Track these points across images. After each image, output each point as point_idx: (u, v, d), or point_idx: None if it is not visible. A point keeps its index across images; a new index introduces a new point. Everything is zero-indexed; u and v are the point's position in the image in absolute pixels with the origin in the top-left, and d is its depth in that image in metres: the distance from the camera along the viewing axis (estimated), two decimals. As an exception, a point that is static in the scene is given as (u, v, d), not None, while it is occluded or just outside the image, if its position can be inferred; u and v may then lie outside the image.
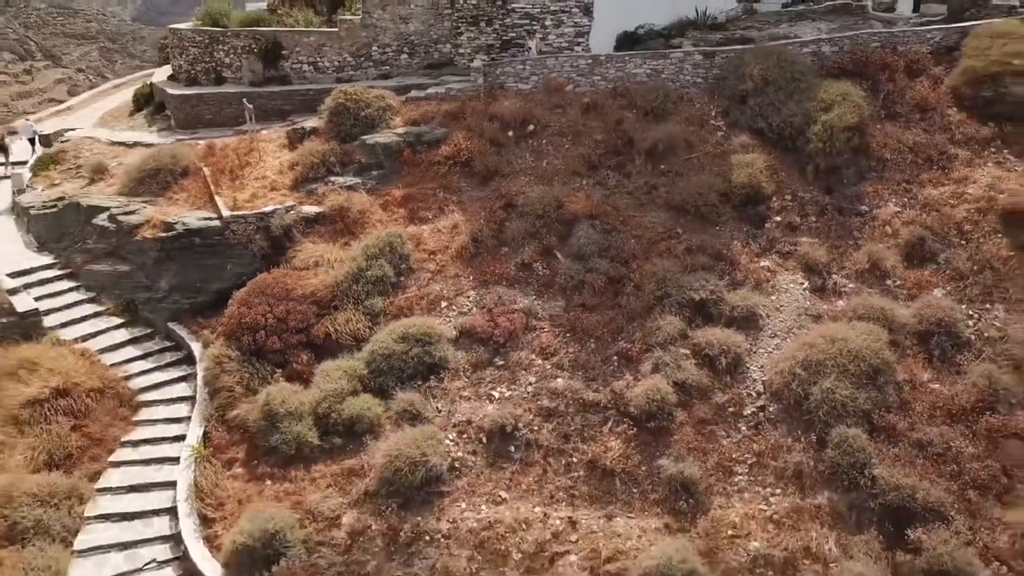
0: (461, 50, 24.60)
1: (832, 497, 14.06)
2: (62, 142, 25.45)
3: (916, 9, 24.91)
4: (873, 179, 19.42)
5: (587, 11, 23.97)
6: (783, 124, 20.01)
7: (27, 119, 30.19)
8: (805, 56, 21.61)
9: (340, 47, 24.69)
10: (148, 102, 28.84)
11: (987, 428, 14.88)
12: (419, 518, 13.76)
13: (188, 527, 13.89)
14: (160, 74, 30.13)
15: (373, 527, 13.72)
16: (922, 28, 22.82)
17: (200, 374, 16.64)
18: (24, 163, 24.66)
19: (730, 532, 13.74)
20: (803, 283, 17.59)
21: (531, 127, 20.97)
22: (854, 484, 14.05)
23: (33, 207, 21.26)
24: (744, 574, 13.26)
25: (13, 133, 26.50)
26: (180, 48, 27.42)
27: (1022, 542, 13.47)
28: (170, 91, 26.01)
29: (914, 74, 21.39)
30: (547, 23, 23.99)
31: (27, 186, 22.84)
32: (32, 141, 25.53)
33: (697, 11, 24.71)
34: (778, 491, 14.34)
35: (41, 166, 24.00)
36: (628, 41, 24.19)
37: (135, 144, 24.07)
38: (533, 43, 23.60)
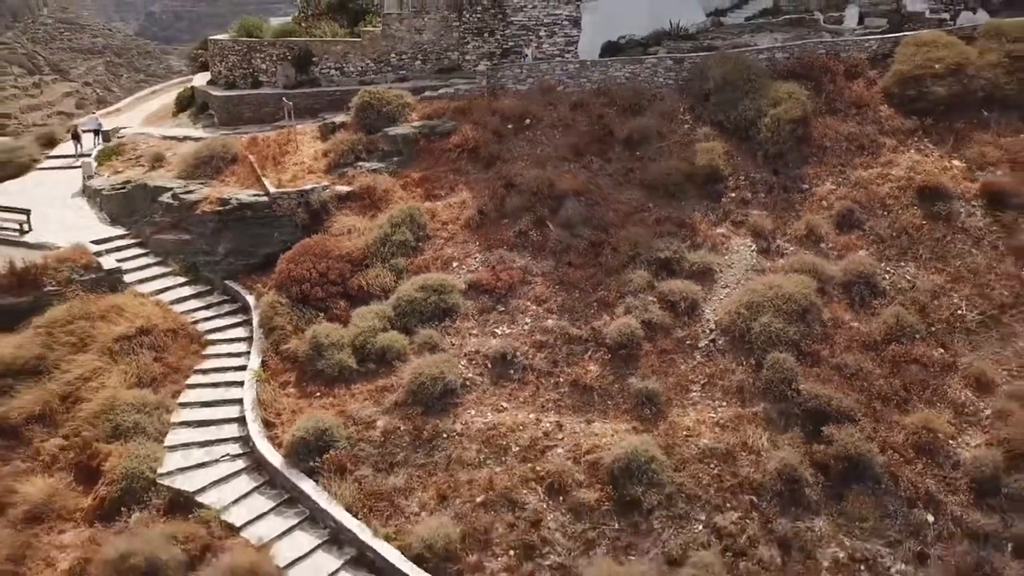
0: (468, 57, 28.48)
1: (766, 406, 17.69)
2: (119, 138, 29.25)
3: (861, 22, 28.74)
4: (814, 163, 23.19)
5: (576, 24, 27.88)
6: (739, 118, 23.82)
7: (94, 114, 34.02)
8: (760, 61, 25.44)
9: (363, 54, 28.58)
10: (190, 104, 32.67)
11: (892, 355, 18.58)
12: (438, 421, 17.36)
13: (255, 429, 17.47)
14: (199, 80, 33.97)
15: (401, 428, 17.33)
16: (862, 38, 26.69)
17: (256, 318, 20.29)
18: (89, 154, 28.39)
19: (684, 433, 17.31)
20: (751, 246, 21.31)
21: (527, 121, 24.76)
22: (783, 396, 17.68)
23: (104, 189, 25.00)
24: (695, 462, 16.82)
25: (85, 131, 30.30)
26: (220, 56, 31.27)
27: (913, 438, 17.10)
28: (214, 93, 29.84)
29: (853, 76, 25.24)
30: (541, 34, 27.90)
31: (95, 173, 26.55)
32: (96, 133, 29.32)
33: (671, 24, 28.58)
34: (724, 403, 17.96)
35: (104, 157, 27.77)
36: (611, 49, 28.06)
37: (185, 138, 27.85)
38: (529, 51, 27.49)
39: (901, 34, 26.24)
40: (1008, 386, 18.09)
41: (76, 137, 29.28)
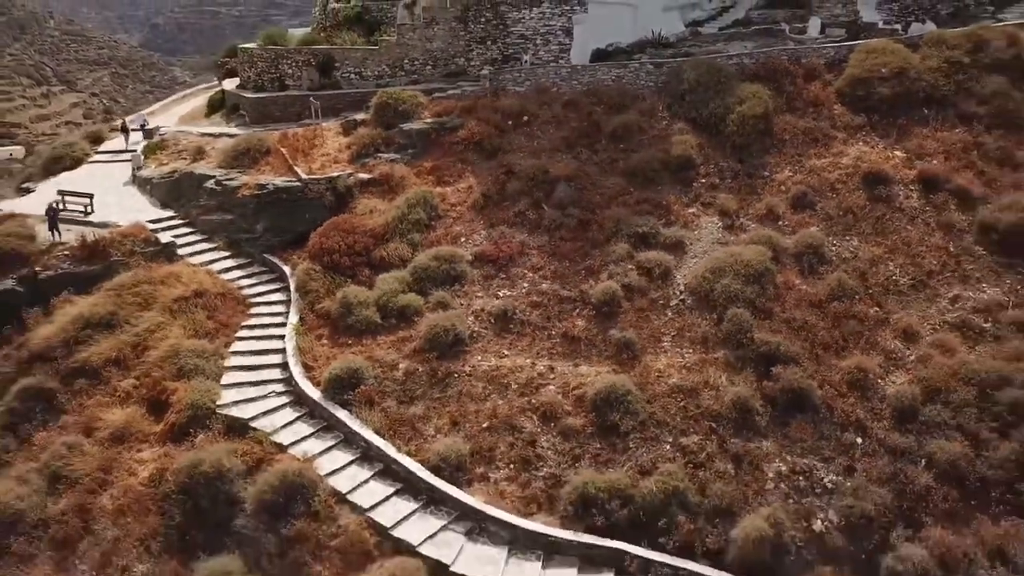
0: (473, 62, 32.00)
1: (725, 352, 21.02)
2: (160, 135, 32.74)
3: (823, 32, 32.24)
4: (774, 153, 26.64)
5: (568, 33, 31.43)
6: (710, 114, 27.30)
7: (141, 112, 37.62)
8: (730, 66, 28.95)
9: (379, 60, 32.12)
10: (221, 105, 36.20)
11: (834, 312, 21.94)
12: (450, 364, 20.72)
13: (296, 371, 20.82)
14: (227, 84, 37.51)
15: (419, 369, 20.69)
16: (821, 46, 30.25)
17: (292, 283, 23.69)
18: (135, 148, 31.86)
19: (656, 374, 20.64)
20: (718, 223, 24.71)
21: (525, 118, 28.25)
22: (740, 344, 21.01)
23: (154, 178, 28.50)
24: (664, 397, 20.14)
25: (133, 129, 33.82)
26: (249, 63, 34.78)
27: (848, 377, 20.44)
28: (245, 95, 33.36)
29: (811, 79, 28.75)
30: (538, 42, 31.45)
31: (143, 164, 30.02)
32: (142, 128, 32.84)
33: (653, 33, 32.07)
34: (690, 350, 21.31)
35: (149, 151, 31.23)
36: (600, 55, 31.56)
37: (221, 135, 31.35)
38: (527, 57, 30.99)
39: (856, 42, 29.77)
40: (930, 337, 21.44)
41: (125, 131, 32.89)
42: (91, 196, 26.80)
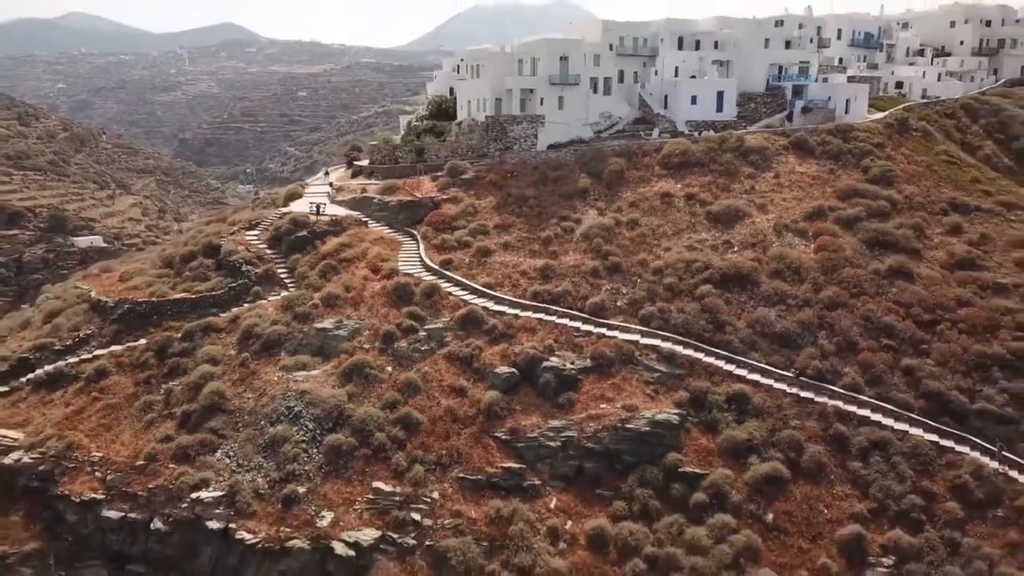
0: (490, 149, 66.46)
1: (591, 256, 54.07)
2: (336, 188, 66.82)
3: (659, 135, 66.83)
4: (624, 186, 60.54)
5: (536, 136, 66.19)
6: (599, 170, 61.46)
7: (318, 174, 72.26)
8: (609, 149, 63.44)
9: (445, 148, 66.68)
10: (358, 173, 70.64)
11: (639, 241, 55.23)
12: (486, 258, 53.74)
13: (425, 256, 53.69)
14: (359, 165, 72.08)
15: (473, 260, 53.69)
16: (655, 141, 64.93)
17: (419, 237, 56.86)
18: (326, 188, 65.96)
19: (562, 263, 53.62)
20: (595, 213, 58.18)
21: (514, 172, 62.40)
22: (598, 254, 54.12)
23: (345, 200, 62.34)
24: (567, 268, 52.96)
25: (326, 175, 68.49)
26: (375, 150, 69.38)
27: (639, 260, 53.47)
28: (377, 166, 67.82)
29: (646, 155, 63.27)
30: (521, 140, 66.07)
31: (335, 193, 63.96)
32: (327, 175, 67.10)
33: (576, 137, 66.71)
34: (576, 257, 54.33)
35: (335, 190, 65.15)
36: (551, 147, 66.15)
37: (370, 183, 65.39)
38: (516, 147, 65.59)
39: (672, 140, 64.45)
40: (676, 253, 54.38)
41: (327, 173, 67.20)
42: (321, 204, 60.46)
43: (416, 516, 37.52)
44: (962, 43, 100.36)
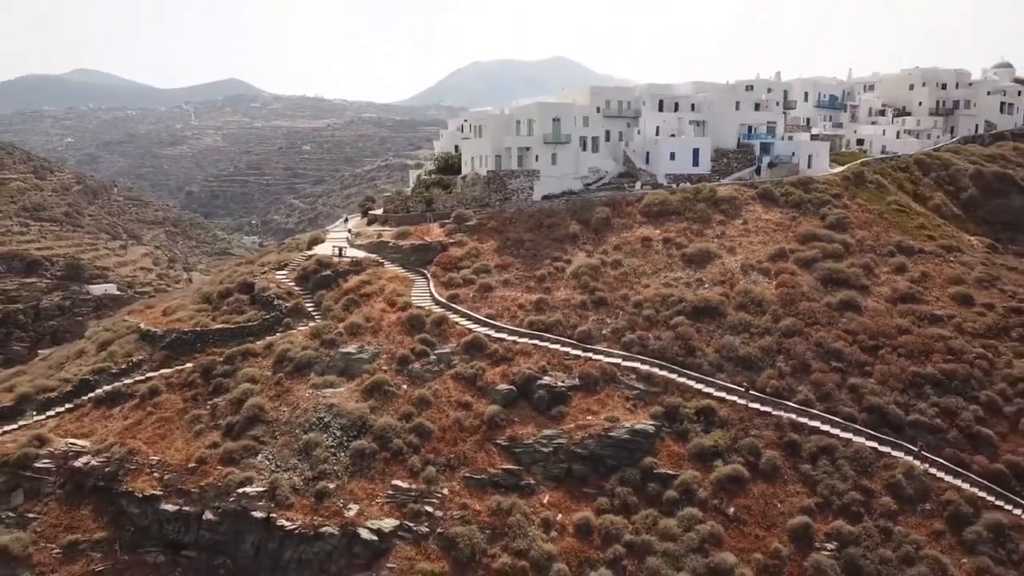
0: (491, 199, 74.68)
1: (580, 291, 61.68)
2: (354, 234, 74.77)
3: (641, 187, 75.13)
4: (610, 232, 68.55)
5: (532, 188, 74.50)
6: (587, 218, 69.54)
7: (344, 216, 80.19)
8: (596, 200, 71.68)
9: (451, 199, 74.90)
10: (373, 221, 78.72)
11: (621, 280, 62.95)
12: (488, 294, 61.25)
13: (435, 292, 61.19)
14: (374, 214, 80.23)
15: (476, 295, 61.24)
16: (638, 192, 73.25)
17: (430, 275, 64.49)
18: (346, 232, 73.95)
19: (555, 297, 61.15)
20: (584, 255, 65.97)
21: (513, 220, 70.44)
22: (586, 289, 61.76)
23: (364, 244, 70.17)
24: (560, 302, 60.47)
25: (346, 222, 76.47)
26: (388, 201, 77.62)
27: (621, 295, 61.14)
28: (390, 216, 75.88)
29: (629, 204, 71.55)
30: (519, 192, 74.38)
31: (353, 238, 71.83)
32: (346, 222, 75.06)
33: (568, 188, 75.04)
34: (568, 292, 61.90)
35: (354, 235, 73.07)
36: (545, 197, 74.42)
37: (384, 230, 73.38)
38: (514, 198, 73.83)
39: (652, 191, 72.75)
40: (655, 289, 62.01)
41: (346, 220, 75.12)
42: (343, 247, 68.24)
43: (429, 508, 44.14)
44: (920, 104, 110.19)
